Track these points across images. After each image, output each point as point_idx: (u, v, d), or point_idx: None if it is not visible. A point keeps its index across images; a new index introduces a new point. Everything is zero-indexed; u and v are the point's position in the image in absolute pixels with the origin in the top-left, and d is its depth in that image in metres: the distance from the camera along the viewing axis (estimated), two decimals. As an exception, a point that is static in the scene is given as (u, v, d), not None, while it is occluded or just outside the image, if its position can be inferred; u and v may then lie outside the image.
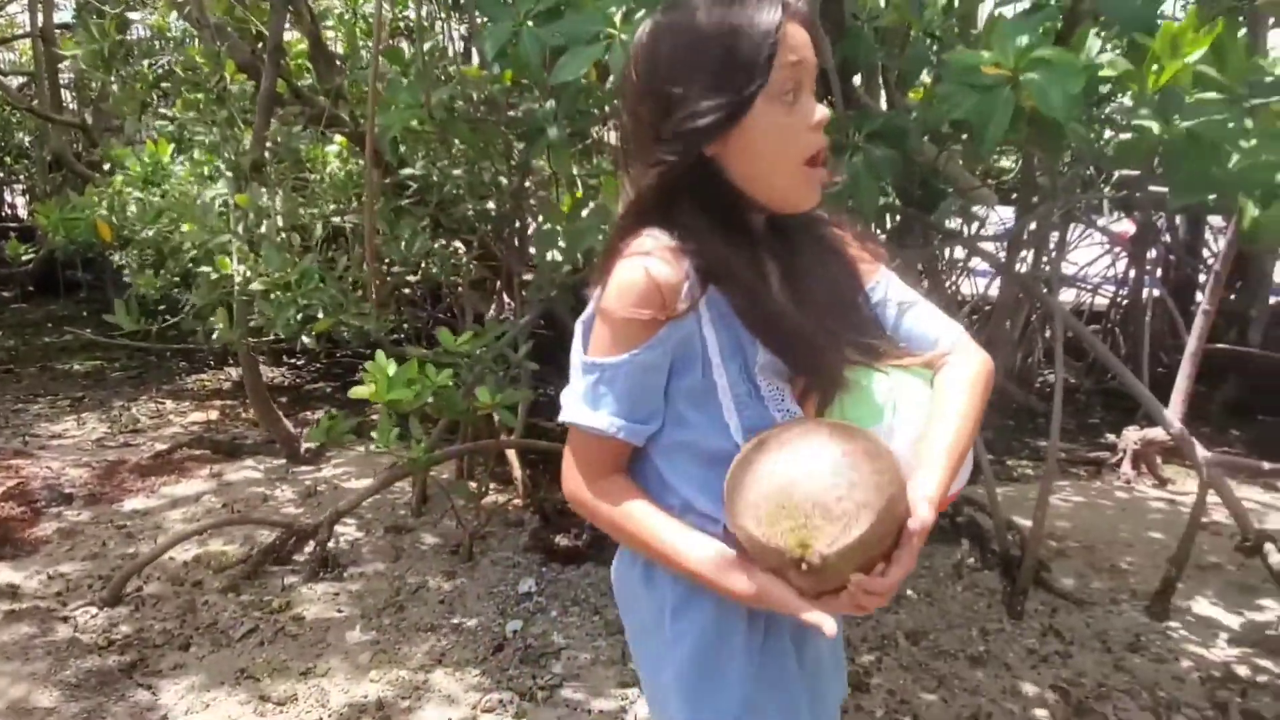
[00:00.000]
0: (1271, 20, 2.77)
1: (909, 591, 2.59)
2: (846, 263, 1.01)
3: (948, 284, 4.31)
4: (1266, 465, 3.06)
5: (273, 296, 2.43)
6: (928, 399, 0.98)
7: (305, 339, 2.89)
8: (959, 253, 4.25)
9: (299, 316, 2.61)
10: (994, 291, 5.14)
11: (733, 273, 0.91)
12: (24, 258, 5.68)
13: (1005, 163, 3.85)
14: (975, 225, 3.98)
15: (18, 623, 2.33)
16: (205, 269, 2.77)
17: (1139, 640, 2.34)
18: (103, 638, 2.28)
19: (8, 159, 9.00)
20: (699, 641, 0.99)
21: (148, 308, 3.32)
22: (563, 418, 0.97)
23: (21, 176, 8.97)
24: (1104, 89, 1.88)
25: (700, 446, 0.95)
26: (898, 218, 2.96)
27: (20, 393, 4.48)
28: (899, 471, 0.85)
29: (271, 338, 3.03)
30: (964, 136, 2.52)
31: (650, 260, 0.88)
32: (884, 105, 2.70)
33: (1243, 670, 2.21)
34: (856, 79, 2.61)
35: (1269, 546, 2.32)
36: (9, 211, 9.57)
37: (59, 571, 2.61)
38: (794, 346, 0.93)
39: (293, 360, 5.05)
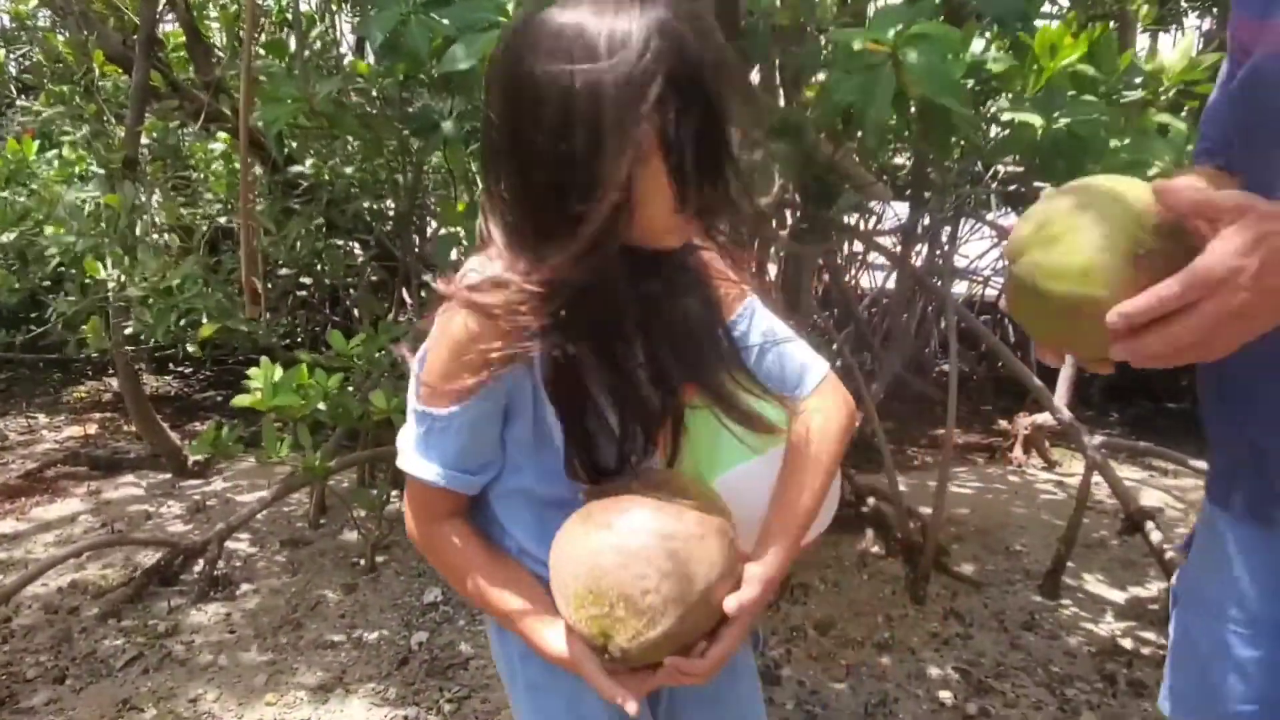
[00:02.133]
0: (1140, 25, 2.92)
1: (817, 582, 2.62)
2: (708, 294, 0.92)
3: (847, 278, 4.41)
4: (1144, 445, 3.23)
5: (150, 302, 2.29)
6: (768, 461, 0.94)
7: (189, 346, 2.74)
8: (857, 247, 4.36)
9: (181, 323, 2.47)
10: (892, 285, 5.28)
11: (573, 331, 0.82)
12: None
13: (899, 159, 3.96)
14: (872, 220, 4.08)
15: None
16: (75, 274, 2.59)
17: (1033, 619, 2.43)
18: (-35, 675, 2.11)
19: None
20: (548, 681, 0.98)
21: (12, 316, 3.10)
22: (398, 463, 0.92)
23: None
24: (990, 85, 1.94)
25: (535, 494, 0.93)
26: (797, 214, 3.00)
27: None
28: (728, 551, 0.82)
29: (154, 345, 2.87)
30: (859, 133, 2.57)
31: (478, 307, 0.80)
32: (781, 103, 2.73)
33: (1128, 643, 2.32)
34: (754, 76, 2.63)
35: (1149, 524, 2.43)
36: None
37: (-86, 605, 2.41)
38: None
39: (179, 369, 4.79)
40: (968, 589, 2.59)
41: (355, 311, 3.71)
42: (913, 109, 1.67)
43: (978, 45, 1.78)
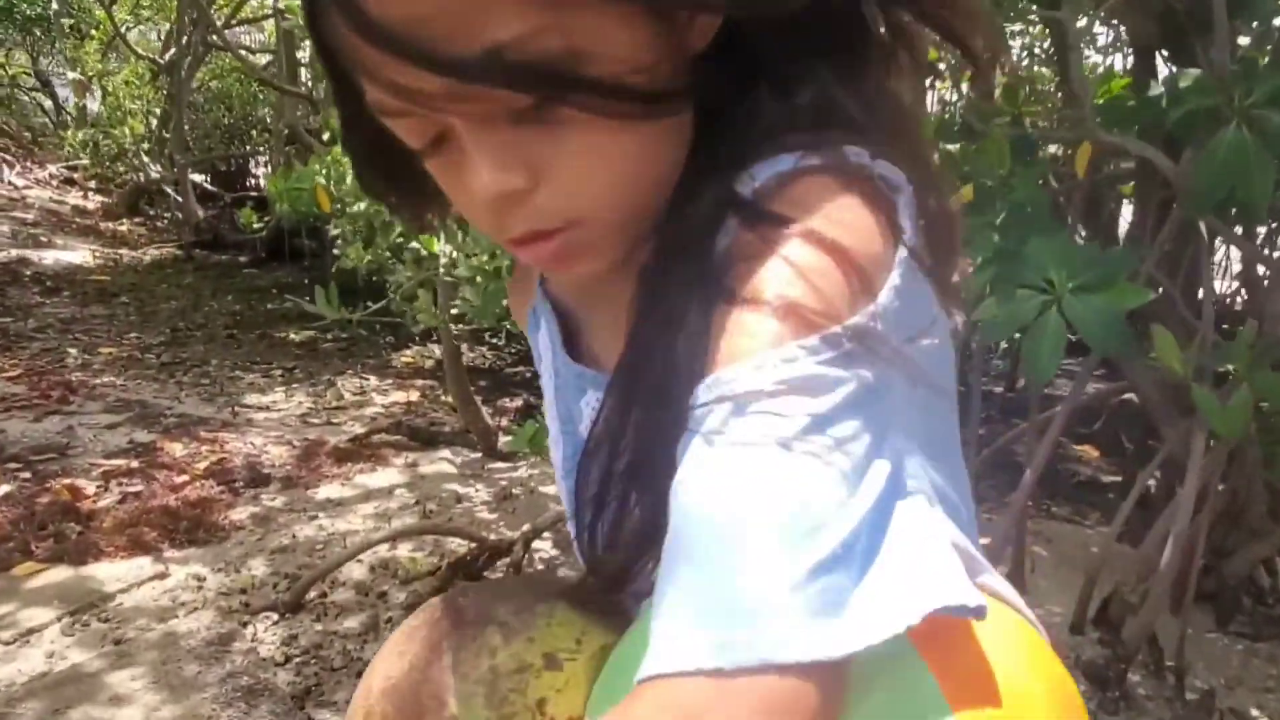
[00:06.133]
0: None
1: (1254, 710, 1.94)
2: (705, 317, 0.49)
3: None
4: None
5: (477, 282, 2.13)
6: None
7: (508, 325, 2.61)
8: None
9: (505, 303, 2.33)
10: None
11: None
12: (255, 225, 5.88)
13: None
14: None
15: (196, 623, 2.16)
16: (414, 246, 2.55)
17: None
18: (280, 652, 2.07)
19: (253, 133, 9.62)
20: None
21: (356, 283, 3.18)
22: None
23: (264, 149, 9.58)
24: None
25: None
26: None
27: (239, 359, 4.57)
28: None
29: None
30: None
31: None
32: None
33: None
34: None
35: None
36: (252, 182, 10.29)
37: (247, 567, 2.45)
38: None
39: (494, 340, 4.89)
40: None
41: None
42: None
43: None
